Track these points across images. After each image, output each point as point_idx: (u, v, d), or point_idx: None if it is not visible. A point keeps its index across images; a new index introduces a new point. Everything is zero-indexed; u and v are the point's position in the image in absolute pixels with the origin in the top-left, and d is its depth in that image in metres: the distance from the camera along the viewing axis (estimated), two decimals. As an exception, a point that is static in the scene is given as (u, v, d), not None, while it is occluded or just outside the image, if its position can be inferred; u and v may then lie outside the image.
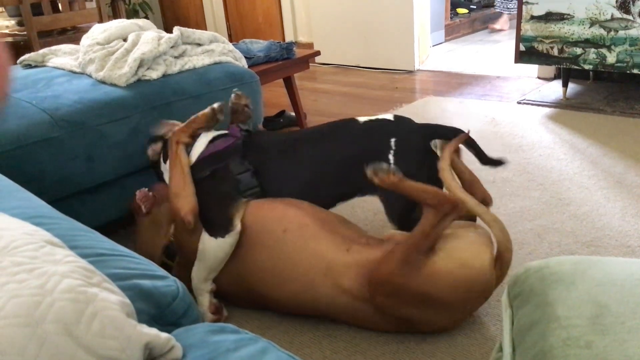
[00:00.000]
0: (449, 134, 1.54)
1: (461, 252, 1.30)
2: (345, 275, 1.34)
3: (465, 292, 1.30)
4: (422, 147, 1.53)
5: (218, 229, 1.45)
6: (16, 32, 3.34)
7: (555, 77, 3.52)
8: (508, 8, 5.14)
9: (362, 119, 1.60)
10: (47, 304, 0.59)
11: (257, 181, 1.54)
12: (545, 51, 2.99)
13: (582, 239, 1.79)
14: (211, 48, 2.21)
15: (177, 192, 1.49)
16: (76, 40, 2.33)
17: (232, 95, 1.74)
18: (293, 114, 3.07)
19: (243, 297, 1.53)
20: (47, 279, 0.62)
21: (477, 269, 1.29)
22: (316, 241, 1.38)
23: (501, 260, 1.35)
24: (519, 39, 3.06)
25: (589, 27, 2.81)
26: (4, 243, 0.68)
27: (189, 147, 1.60)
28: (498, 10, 5.37)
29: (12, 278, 0.62)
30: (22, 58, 2.22)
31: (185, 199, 1.48)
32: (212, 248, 1.45)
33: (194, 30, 2.22)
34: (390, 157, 1.51)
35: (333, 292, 1.37)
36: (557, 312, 0.76)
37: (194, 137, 1.62)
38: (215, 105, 1.61)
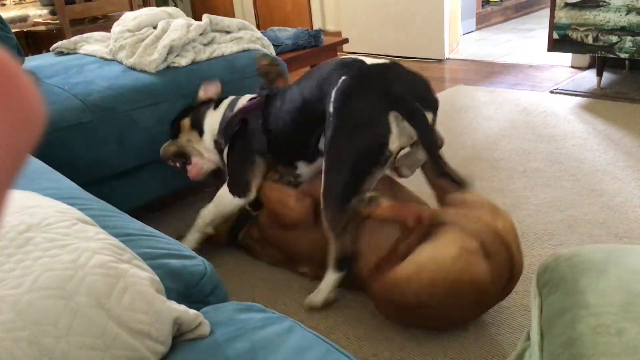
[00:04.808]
0: (412, 112, 1.31)
1: (421, 255, 1.30)
2: None
3: (434, 292, 1.26)
4: (370, 104, 1.33)
5: (236, 189, 1.60)
6: (49, 21, 3.41)
7: (590, 66, 3.44)
8: None
9: (358, 59, 1.45)
10: (79, 278, 0.60)
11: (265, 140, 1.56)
12: (579, 39, 2.92)
13: (614, 230, 1.75)
14: (239, 35, 2.22)
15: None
16: (107, 28, 2.36)
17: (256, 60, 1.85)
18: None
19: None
20: (79, 255, 0.64)
21: (434, 270, 1.26)
22: None
23: (491, 252, 1.27)
24: (553, 26, 2.99)
25: (626, 15, 2.73)
26: (37, 220, 0.70)
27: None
28: None
29: (45, 253, 0.63)
30: (54, 45, 2.25)
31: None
32: (227, 203, 1.61)
33: (223, 17, 2.22)
34: (332, 95, 1.36)
35: None
36: (588, 300, 0.75)
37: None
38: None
